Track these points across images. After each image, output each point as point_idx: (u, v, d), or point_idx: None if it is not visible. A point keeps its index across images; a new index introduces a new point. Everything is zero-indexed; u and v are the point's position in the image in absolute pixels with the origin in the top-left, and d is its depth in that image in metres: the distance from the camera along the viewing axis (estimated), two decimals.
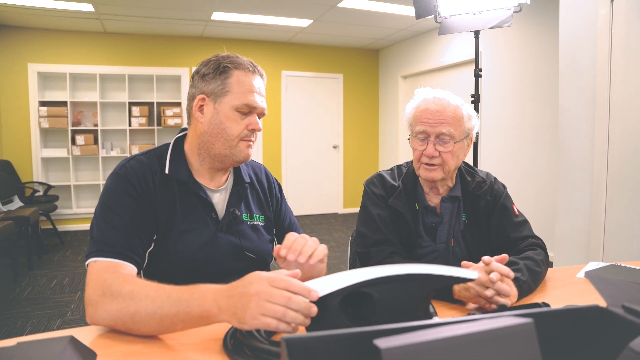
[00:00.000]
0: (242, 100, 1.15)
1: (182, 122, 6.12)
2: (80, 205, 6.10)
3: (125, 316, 0.89)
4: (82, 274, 4.12)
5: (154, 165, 1.16)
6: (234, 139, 1.16)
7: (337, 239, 5.56)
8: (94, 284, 0.96)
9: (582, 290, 1.20)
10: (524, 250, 1.29)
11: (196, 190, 1.18)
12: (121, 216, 1.08)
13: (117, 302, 0.90)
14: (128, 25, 5.65)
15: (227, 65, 1.16)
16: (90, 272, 1.01)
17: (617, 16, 2.47)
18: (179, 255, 1.13)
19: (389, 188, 1.41)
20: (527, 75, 4.45)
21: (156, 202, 1.13)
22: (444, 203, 1.39)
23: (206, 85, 1.18)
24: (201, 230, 1.17)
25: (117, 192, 1.11)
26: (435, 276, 0.82)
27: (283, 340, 0.55)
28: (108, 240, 1.04)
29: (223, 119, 1.15)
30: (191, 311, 0.85)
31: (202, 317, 0.84)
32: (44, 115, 5.63)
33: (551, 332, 0.64)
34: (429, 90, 1.38)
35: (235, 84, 1.15)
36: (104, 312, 0.91)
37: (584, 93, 2.68)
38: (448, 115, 1.31)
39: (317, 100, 7.06)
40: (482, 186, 1.38)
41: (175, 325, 0.87)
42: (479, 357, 0.53)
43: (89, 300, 0.95)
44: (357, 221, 1.46)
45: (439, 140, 1.32)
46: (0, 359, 0.74)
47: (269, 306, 0.77)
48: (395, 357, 0.50)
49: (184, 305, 0.85)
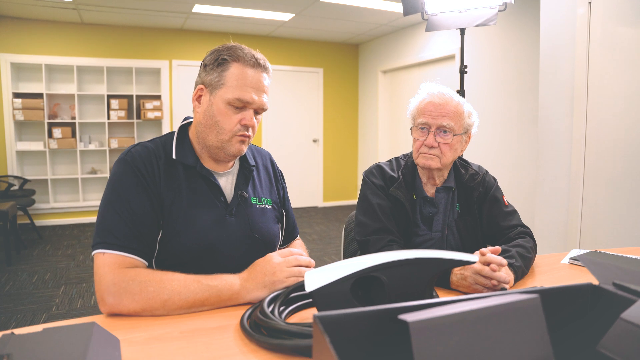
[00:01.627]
0: (235, 94, 1.13)
1: (162, 115, 6.06)
2: (58, 199, 6.00)
3: (157, 303, 0.96)
4: (64, 269, 4.08)
5: (158, 152, 1.17)
6: (226, 133, 1.16)
7: (318, 232, 5.62)
8: (111, 277, 0.99)
9: (568, 275, 1.29)
10: (513, 239, 1.37)
11: (204, 174, 1.19)
12: (129, 203, 1.08)
13: (146, 292, 0.97)
14: (106, 16, 5.56)
15: (225, 57, 1.15)
16: (100, 265, 1.02)
17: (594, 16, 2.58)
18: (188, 239, 1.14)
19: (388, 179, 1.47)
20: (509, 72, 4.57)
21: (161, 187, 1.14)
22: (438, 193, 1.47)
23: (206, 76, 1.18)
24: (210, 213, 1.18)
25: (124, 179, 1.11)
26: (440, 259, 0.88)
27: (315, 318, 0.60)
28: (115, 230, 1.05)
29: (216, 112, 1.15)
30: (222, 295, 0.99)
31: (231, 299, 1.00)
32: (19, 107, 5.49)
33: (552, 307, 0.70)
34: (434, 86, 1.45)
35: (231, 77, 1.14)
36: (132, 301, 0.96)
37: (563, 90, 2.80)
38: (450, 109, 1.38)
39: (297, 94, 7.08)
40: (475, 178, 1.46)
41: (203, 307, 0.99)
42: (494, 328, 0.59)
43: (107, 291, 0.98)
44: (356, 210, 1.51)
45: (439, 132, 1.39)
46: (28, 345, 0.77)
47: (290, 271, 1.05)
48: (422, 328, 0.56)
49: (215, 290, 0.99)
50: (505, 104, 4.64)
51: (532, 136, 4.27)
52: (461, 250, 1.46)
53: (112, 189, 1.11)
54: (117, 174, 1.12)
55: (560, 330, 0.70)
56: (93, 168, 6.10)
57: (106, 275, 1.00)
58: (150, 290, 0.97)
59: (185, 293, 0.98)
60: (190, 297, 0.98)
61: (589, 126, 2.66)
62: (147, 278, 0.99)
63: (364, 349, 0.62)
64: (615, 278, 0.75)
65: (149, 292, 0.97)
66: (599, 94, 2.60)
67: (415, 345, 0.54)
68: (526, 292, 0.67)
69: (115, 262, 1.03)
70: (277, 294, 1.01)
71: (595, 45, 2.59)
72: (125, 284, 0.98)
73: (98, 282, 1.01)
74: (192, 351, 0.82)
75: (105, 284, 0.99)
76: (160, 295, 0.97)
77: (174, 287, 0.99)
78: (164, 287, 0.98)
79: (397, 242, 1.39)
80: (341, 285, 0.87)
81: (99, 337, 0.81)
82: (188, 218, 1.15)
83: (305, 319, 0.98)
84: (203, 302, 0.99)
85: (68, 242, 5.05)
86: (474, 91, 4.93)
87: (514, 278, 1.17)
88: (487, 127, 4.85)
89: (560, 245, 2.88)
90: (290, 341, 0.80)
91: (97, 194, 6.17)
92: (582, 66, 2.64)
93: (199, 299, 0.99)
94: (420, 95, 1.46)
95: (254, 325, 0.89)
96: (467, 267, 1.14)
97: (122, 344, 0.84)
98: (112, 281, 0.99)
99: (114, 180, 1.12)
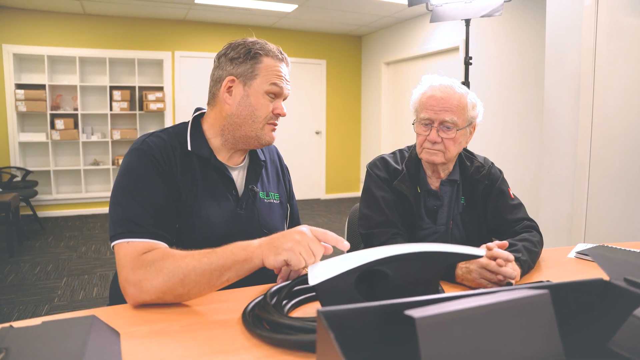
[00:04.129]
0: (272, 85, 1.18)
1: (164, 106, 6.04)
2: (60, 191, 6.00)
3: (175, 284, 0.94)
4: (66, 261, 4.08)
5: (173, 142, 1.17)
6: (261, 121, 1.19)
7: (320, 224, 5.61)
8: (131, 266, 0.98)
9: (575, 269, 1.27)
10: (519, 232, 1.35)
11: (219, 167, 1.20)
12: (149, 192, 1.07)
13: (163, 274, 0.95)
14: (108, 7, 5.52)
15: (258, 51, 1.18)
16: (122, 255, 1.00)
17: (602, 6, 2.54)
18: (199, 231, 1.14)
19: (392, 171, 1.45)
20: (513, 64, 4.53)
21: (177, 178, 1.13)
22: (443, 186, 1.44)
23: (235, 68, 1.18)
24: (222, 206, 1.19)
25: (141, 167, 1.10)
26: (447, 253, 0.86)
27: (320, 313, 0.58)
28: (137, 219, 1.03)
29: (254, 102, 1.18)
30: (237, 258, 0.96)
31: (247, 259, 0.96)
32: (21, 98, 5.48)
33: (561, 303, 0.69)
34: (436, 77, 1.41)
35: (265, 69, 1.18)
36: (151, 287, 0.94)
37: (569, 81, 2.77)
38: (453, 103, 1.35)
39: (300, 85, 7.04)
40: (480, 171, 1.44)
41: (223, 276, 0.96)
42: (502, 324, 0.57)
43: (128, 281, 0.96)
44: (360, 203, 1.50)
45: (442, 127, 1.36)
46: (26, 338, 0.76)
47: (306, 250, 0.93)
48: (428, 325, 0.54)
49: (229, 254, 0.96)
50: (510, 95, 4.60)
51: (536, 128, 4.23)
52: (466, 243, 1.44)
53: (128, 178, 1.09)
54: (133, 163, 1.11)
55: (570, 327, 0.68)
56: (95, 159, 6.10)
57: (126, 266, 0.98)
58: (165, 272, 0.95)
59: (200, 267, 0.95)
60: (206, 269, 0.95)
61: (595, 118, 2.62)
62: (162, 259, 0.97)
63: (369, 344, 0.61)
64: (626, 273, 0.74)
65: (165, 274, 0.95)
66: (605, 85, 2.57)
67: (421, 341, 0.52)
68: (536, 287, 0.66)
69: (140, 249, 1.01)
70: (280, 286, 0.99)
71: (602, 36, 2.55)
72: (143, 270, 0.96)
73: (120, 273, 0.99)
74: (193, 345, 0.81)
75: (125, 275, 0.97)
76: (176, 275, 0.95)
77: (189, 264, 0.96)
78: (179, 267, 0.96)
79: (401, 235, 1.37)
80: (345, 279, 0.86)
81: (98, 331, 0.80)
82: (201, 210, 1.15)
83: (308, 313, 0.96)
84: (220, 270, 0.96)
85: (70, 234, 5.06)
86: (478, 83, 4.89)
87: (520, 272, 1.15)
88: (491, 119, 4.81)
89: (565, 238, 2.86)
90: (294, 336, 0.79)
91: (99, 185, 6.17)
92: (588, 57, 2.60)
93: (215, 268, 0.96)
94: (422, 87, 1.43)
95: (257, 320, 0.88)
96: (472, 261, 1.12)
97: (122, 338, 0.83)
98: (130, 270, 0.97)
99: (129, 169, 1.10)
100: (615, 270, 0.79)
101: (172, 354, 0.77)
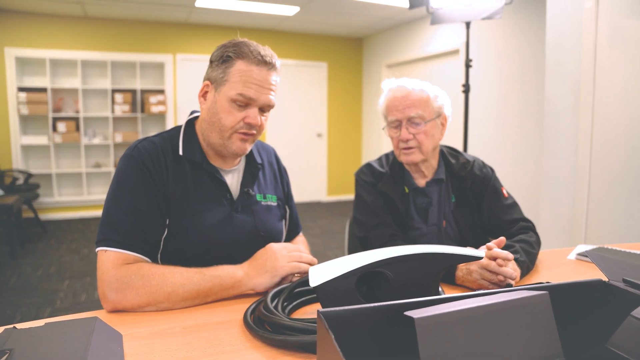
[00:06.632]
0: (238, 91, 1.10)
1: (166, 109, 6.06)
2: (62, 193, 6.01)
3: (161, 296, 0.97)
4: (68, 263, 4.09)
5: (166, 147, 1.16)
6: (227, 130, 1.13)
7: (321, 226, 5.61)
8: (113, 272, 0.99)
9: (574, 271, 1.27)
10: (515, 234, 1.36)
11: (210, 171, 1.18)
12: (133, 200, 1.07)
13: (149, 286, 0.97)
14: (110, 10, 5.54)
15: (230, 54, 1.12)
16: (103, 261, 1.02)
17: (602, 9, 2.55)
18: (194, 236, 1.13)
19: (377, 175, 1.49)
20: (513, 66, 4.53)
21: (168, 184, 1.13)
22: (429, 187, 1.46)
23: (211, 72, 1.16)
24: (216, 210, 1.17)
25: (129, 174, 1.10)
26: (447, 255, 0.87)
27: (320, 314, 0.59)
28: (118, 227, 1.04)
29: (219, 109, 1.13)
30: (224, 284, 1.02)
31: (234, 287, 1.04)
32: (24, 101, 5.50)
33: (560, 304, 0.69)
34: (393, 80, 1.47)
35: (235, 73, 1.11)
36: (135, 295, 0.96)
37: (569, 84, 2.77)
38: (414, 98, 1.40)
39: (302, 88, 7.05)
40: (466, 167, 1.46)
41: (207, 298, 1.02)
42: (502, 324, 0.58)
43: (110, 287, 0.97)
44: (353, 210, 1.53)
45: (410, 124, 1.40)
46: (29, 340, 0.76)
47: (290, 256, 1.08)
48: (428, 325, 0.55)
49: (217, 280, 1.01)
50: (510, 98, 4.60)
51: (537, 130, 4.23)
52: (461, 242, 1.45)
53: (117, 184, 1.10)
54: (123, 170, 1.11)
55: (569, 327, 0.69)
56: (97, 162, 6.11)
57: (108, 272, 1.00)
58: (153, 283, 0.98)
59: (188, 285, 1.00)
60: (194, 289, 1.00)
61: (595, 119, 2.63)
62: (149, 272, 1.00)
63: (369, 345, 0.61)
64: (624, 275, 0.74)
65: (153, 286, 0.97)
66: (606, 87, 2.57)
67: (421, 342, 0.53)
68: (535, 288, 0.66)
69: (118, 259, 1.02)
70: (280, 288, 1.00)
71: (602, 38, 2.55)
72: (128, 278, 0.98)
73: (100, 278, 1.00)
74: (195, 347, 0.81)
75: (108, 280, 0.98)
76: (163, 289, 0.98)
77: (177, 280, 1.00)
78: (167, 280, 0.99)
79: (398, 235, 1.39)
80: (346, 281, 0.86)
81: (101, 332, 0.80)
82: (195, 215, 1.14)
83: (308, 315, 0.97)
84: (207, 292, 1.01)
85: (72, 236, 5.07)
86: (479, 85, 4.90)
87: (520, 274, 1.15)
88: (492, 121, 4.82)
89: (565, 240, 2.85)
90: (294, 337, 0.80)
91: (101, 188, 6.18)
92: (589, 59, 2.60)
93: (202, 290, 1.00)
94: (384, 93, 1.48)
95: (258, 321, 0.88)
96: (473, 262, 1.12)
97: (124, 339, 0.83)
98: (114, 277, 0.98)
99: (119, 176, 1.11)
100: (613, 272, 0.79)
101: (174, 355, 0.78)
